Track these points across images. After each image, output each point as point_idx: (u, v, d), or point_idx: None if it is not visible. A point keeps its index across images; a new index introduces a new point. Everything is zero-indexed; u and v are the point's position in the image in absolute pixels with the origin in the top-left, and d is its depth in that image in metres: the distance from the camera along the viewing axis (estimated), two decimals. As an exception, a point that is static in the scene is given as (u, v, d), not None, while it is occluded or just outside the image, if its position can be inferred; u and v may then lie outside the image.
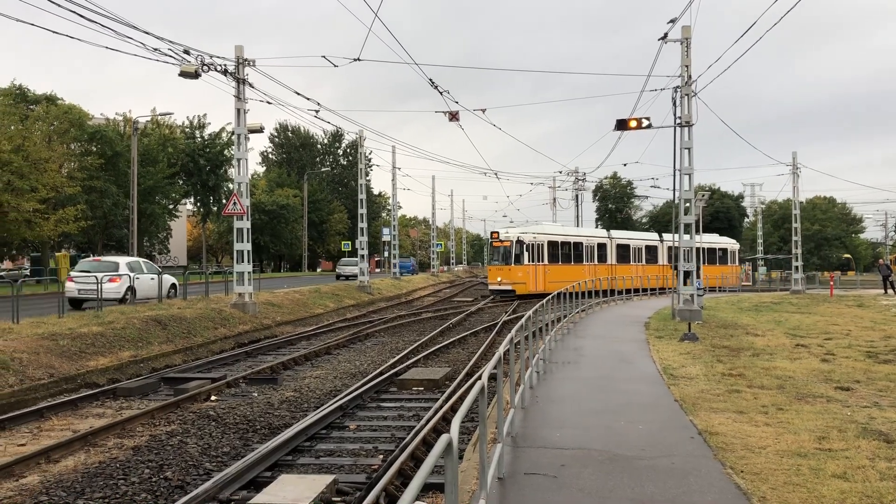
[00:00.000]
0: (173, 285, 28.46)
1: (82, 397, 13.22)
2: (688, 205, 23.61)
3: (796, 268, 45.56)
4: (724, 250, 52.98)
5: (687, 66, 22.70)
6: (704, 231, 52.36)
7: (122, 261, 26.74)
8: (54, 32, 27.65)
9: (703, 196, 52.53)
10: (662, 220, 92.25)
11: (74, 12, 15.76)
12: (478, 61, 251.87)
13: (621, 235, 47.19)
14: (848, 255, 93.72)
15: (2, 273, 53.49)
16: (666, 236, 49.02)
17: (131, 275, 25.47)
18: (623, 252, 45.37)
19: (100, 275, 23.32)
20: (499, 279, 38.92)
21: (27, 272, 51.33)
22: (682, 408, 9.79)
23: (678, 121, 22.95)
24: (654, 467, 7.07)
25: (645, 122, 23.38)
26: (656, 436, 8.31)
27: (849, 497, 6.24)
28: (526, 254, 38.49)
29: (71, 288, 24.34)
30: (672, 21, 21.97)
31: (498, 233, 40.34)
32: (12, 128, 42.46)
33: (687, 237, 23.82)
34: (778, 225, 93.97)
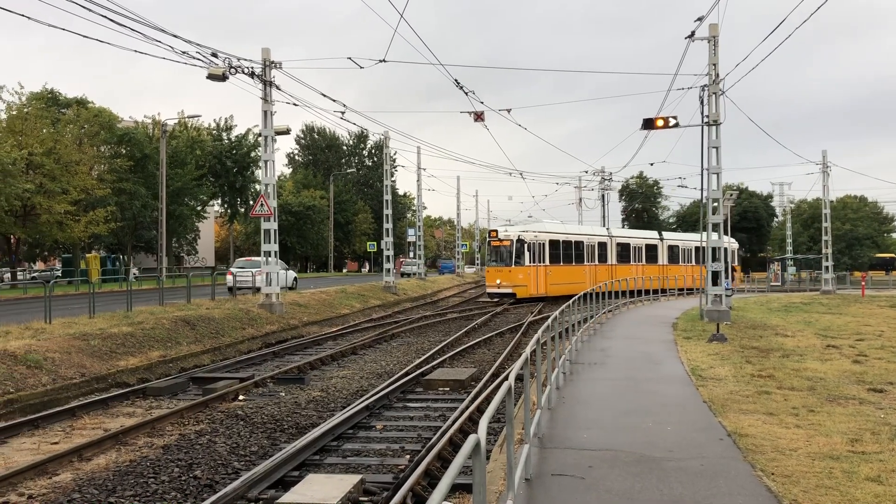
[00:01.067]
0: (295, 278, 37.66)
1: (113, 396, 13.40)
2: (716, 204, 23.39)
3: (826, 268, 44.95)
4: (724, 250, 51.51)
5: (714, 65, 22.48)
6: (730, 231, 51.26)
7: (260, 259, 30.24)
8: (85, 37, 28.09)
9: (731, 195, 51.71)
10: (690, 220, 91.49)
11: (104, 16, 16.00)
12: (501, 61, 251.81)
13: (622, 234, 45.29)
14: (893, 255, 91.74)
15: (34, 274, 54.40)
16: (666, 235, 47.91)
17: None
18: (623, 252, 43.32)
19: (253, 270, 31.66)
20: (498, 281, 36.35)
21: (59, 273, 52.11)
22: (710, 409, 9.70)
23: (706, 120, 22.74)
24: (683, 469, 7.01)
25: (672, 122, 23.20)
26: (685, 437, 8.23)
27: (883, 501, 6.14)
28: (527, 254, 36.05)
29: (230, 280, 31.11)
30: (699, 19, 21.79)
31: (497, 231, 37.74)
32: (44, 131, 43.20)
33: (715, 237, 23.58)
34: (807, 224, 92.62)
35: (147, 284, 40.01)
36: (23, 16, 15.99)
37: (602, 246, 41.64)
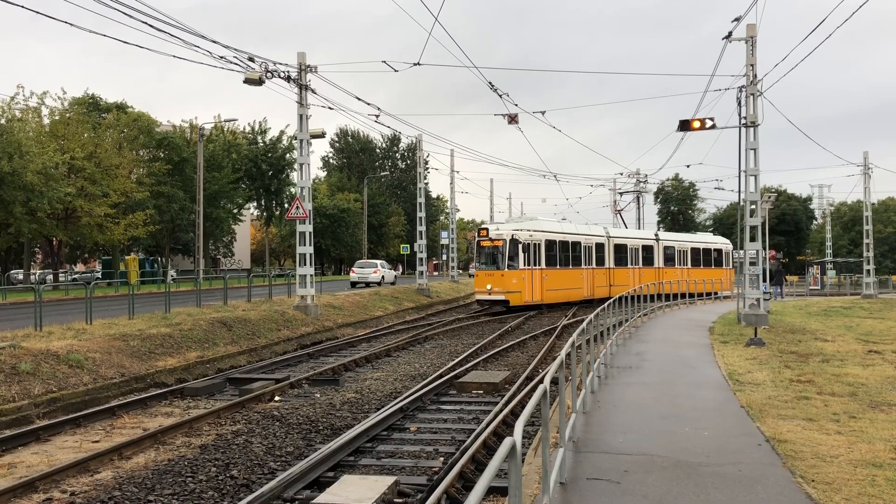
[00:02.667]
0: (395, 276, 46.09)
1: (151, 396, 13.61)
2: (753, 207, 23.06)
3: (868, 271, 44.05)
4: (719, 251, 47.58)
5: (752, 65, 22.19)
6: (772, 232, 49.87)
7: (377, 262, 47.82)
8: (124, 42, 28.61)
9: (769, 198, 50.74)
10: (727, 223, 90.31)
11: (145, 22, 16.29)
12: (532, 62, 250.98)
13: (619, 234, 41.18)
14: None
15: (75, 276, 55.50)
16: (662, 235, 44.62)
17: (381, 269, 46.06)
18: (620, 254, 39.68)
19: (368, 269, 45.69)
20: (488, 287, 31.49)
21: (99, 275, 53.10)
22: (748, 414, 9.56)
23: (743, 121, 22.45)
24: (721, 474, 6.92)
25: (709, 123, 22.96)
26: (722, 442, 8.13)
27: (927, 509, 6.00)
28: (521, 255, 31.44)
29: (353, 276, 46.05)
30: (737, 19, 21.52)
31: (487, 229, 32.94)
32: (85, 135, 44.08)
33: (752, 242, 23.25)
34: (848, 227, 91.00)
35: (184, 286, 40.60)
36: (65, 22, 16.34)
37: (599, 247, 37.97)
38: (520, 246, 31.36)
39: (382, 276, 45.61)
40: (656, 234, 43.91)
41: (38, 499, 8.16)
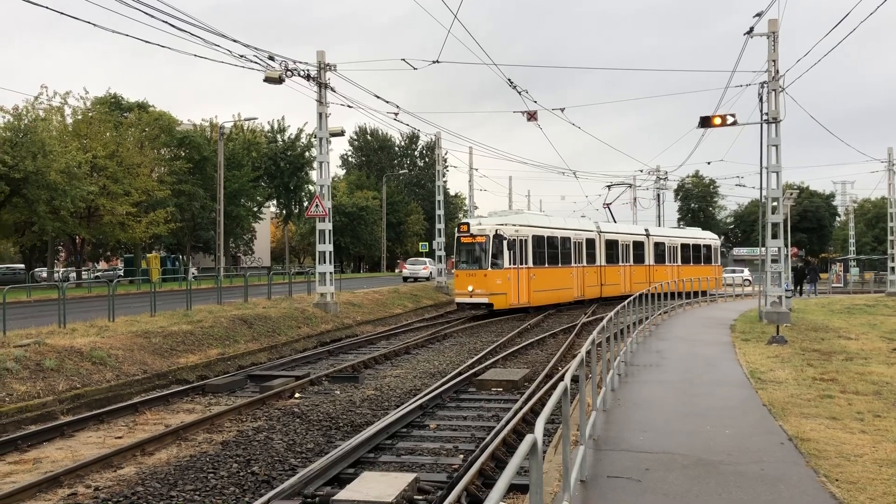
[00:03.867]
0: (440, 270, 43.94)
1: (173, 393, 13.73)
2: (775, 204, 22.85)
3: (892, 269, 43.49)
4: (708, 247, 45.00)
5: (774, 61, 21.97)
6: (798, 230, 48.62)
7: (426, 260, 52.12)
8: (146, 42, 28.80)
9: (791, 195, 50.12)
10: (748, 220, 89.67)
11: (166, 22, 16.40)
12: (549, 59, 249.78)
13: (610, 229, 37.82)
14: None
15: (97, 273, 56.10)
16: (653, 230, 41.73)
17: (430, 266, 49.22)
18: (611, 250, 36.78)
19: (419, 266, 50.81)
20: (470, 288, 28.40)
21: (121, 272, 53.62)
22: (770, 412, 9.48)
23: (765, 117, 22.24)
24: (743, 473, 6.87)
25: (730, 119, 22.76)
26: (744, 441, 8.07)
27: (954, 510, 5.92)
28: (507, 253, 28.38)
29: (405, 272, 51.23)
30: (758, 15, 21.32)
31: (468, 224, 29.39)
32: (107, 134, 44.51)
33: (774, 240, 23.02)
34: (872, 224, 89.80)
35: (205, 284, 40.87)
36: (88, 22, 16.51)
37: (590, 243, 34.83)
38: (504, 242, 28.33)
39: (430, 272, 48.80)
40: (647, 230, 41.26)
41: (62, 493, 8.27)
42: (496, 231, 28.38)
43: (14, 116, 37.53)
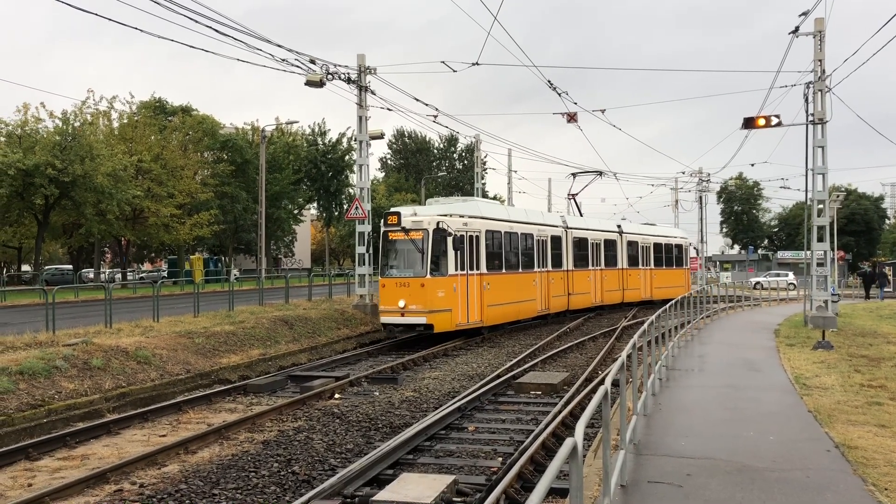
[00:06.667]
0: None
1: (215, 392, 13.93)
2: (820, 206, 22.41)
3: (944, 273, 42.34)
4: (679, 248, 39.75)
5: (820, 61, 21.58)
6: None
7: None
8: (190, 46, 29.26)
9: (838, 197, 49.03)
10: (793, 223, 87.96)
11: (209, 26, 16.65)
12: (586, 59, 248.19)
13: (578, 225, 30.87)
14: None
15: (142, 274, 57.23)
16: (626, 227, 35.51)
17: None
18: (580, 250, 30.21)
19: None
20: (401, 303, 20.53)
21: (165, 274, 54.62)
22: (816, 419, 9.30)
23: (810, 118, 21.84)
24: (787, 480, 6.75)
25: (774, 120, 22.39)
26: (788, 447, 7.93)
27: None
28: (452, 254, 20.86)
29: None
30: (804, 13, 20.96)
31: (398, 214, 21.31)
32: (152, 138, 45.44)
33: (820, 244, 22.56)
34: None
35: (247, 285, 41.43)
36: (134, 28, 16.87)
37: (556, 242, 28.10)
38: (450, 240, 20.68)
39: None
40: (619, 226, 34.82)
41: (109, 489, 8.44)
42: (438, 224, 20.69)
43: (63, 121, 38.50)
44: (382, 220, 21.73)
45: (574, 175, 34.97)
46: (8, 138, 37.14)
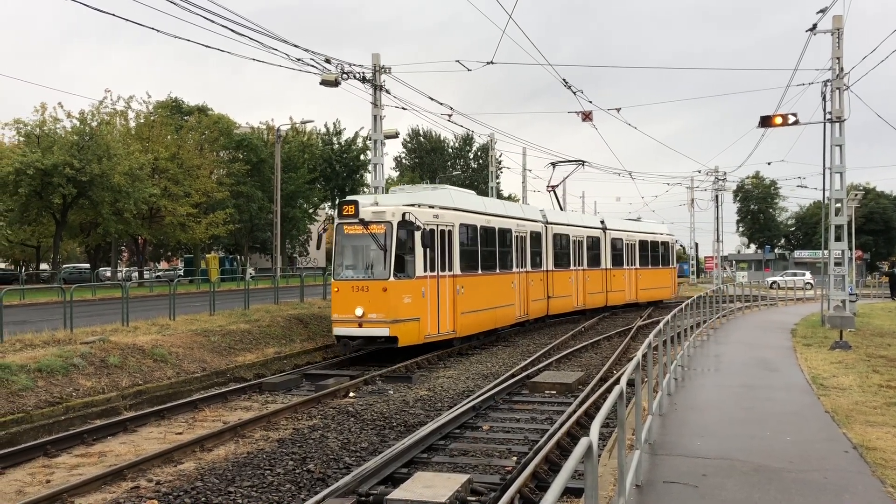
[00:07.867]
0: None
1: (231, 391, 14.01)
2: (838, 205, 22.22)
3: (964, 273, 41.86)
4: (665, 245, 36.95)
5: (838, 58, 21.41)
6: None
7: None
8: (206, 46, 29.45)
9: (856, 196, 48.54)
10: (810, 222, 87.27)
11: (224, 26, 16.70)
12: (598, 58, 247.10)
13: (559, 220, 28.16)
14: None
15: (158, 273, 57.60)
16: (610, 224, 32.81)
17: None
18: (560, 248, 27.45)
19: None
20: (359, 312, 17.22)
21: (181, 272, 54.93)
22: (833, 420, 9.22)
23: (828, 116, 21.66)
24: (804, 481, 6.70)
25: (791, 119, 22.21)
26: (806, 448, 7.87)
27: None
28: (421, 252, 17.74)
29: None
30: (822, 11, 20.79)
31: (356, 203, 17.77)
32: (169, 137, 45.71)
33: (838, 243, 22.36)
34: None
35: (262, 284, 41.57)
36: (151, 28, 16.97)
37: (535, 239, 25.27)
38: (418, 235, 17.49)
39: None
40: (602, 222, 32.32)
41: (126, 486, 8.51)
42: (404, 216, 17.41)
43: (80, 121, 38.80)
44: (336, 211, 18.35)
45: (553, 164, 31.86)
46: (27, 138, 37.46)
